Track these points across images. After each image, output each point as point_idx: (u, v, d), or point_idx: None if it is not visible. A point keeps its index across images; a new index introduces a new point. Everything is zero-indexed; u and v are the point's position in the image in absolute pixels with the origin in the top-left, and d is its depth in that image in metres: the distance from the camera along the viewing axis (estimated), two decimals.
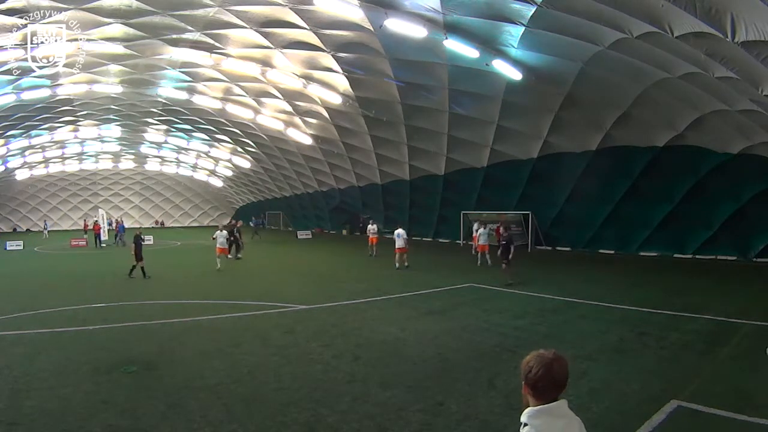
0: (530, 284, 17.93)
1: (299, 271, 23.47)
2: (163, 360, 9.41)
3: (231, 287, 18.46)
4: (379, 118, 33.68)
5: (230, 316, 13.37)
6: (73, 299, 15.75)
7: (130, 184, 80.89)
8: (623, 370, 8.57)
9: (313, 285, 18.97)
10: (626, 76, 20.54)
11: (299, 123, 39.97)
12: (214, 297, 16.13)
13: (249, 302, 15.03)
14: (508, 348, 10.05)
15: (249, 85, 34.11)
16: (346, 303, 15.15)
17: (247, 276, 21.67)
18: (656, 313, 13.03)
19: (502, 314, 13.27)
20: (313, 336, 11.12)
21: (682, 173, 24.57)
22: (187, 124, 46.32)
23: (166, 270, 23.14)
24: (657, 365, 8.92)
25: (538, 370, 2.64)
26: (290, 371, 8.78)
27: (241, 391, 7.88)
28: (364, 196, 48.37)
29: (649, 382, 8.02)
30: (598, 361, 9.12)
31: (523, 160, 30.96)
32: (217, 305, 14.74)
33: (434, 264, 25.27)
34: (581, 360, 8.92)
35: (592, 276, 20.92)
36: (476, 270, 22.62)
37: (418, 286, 17.96)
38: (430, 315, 13.34)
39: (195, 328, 12.02)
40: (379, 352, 9.93)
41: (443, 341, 10.62)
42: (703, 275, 20.43)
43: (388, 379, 8.38)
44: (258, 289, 18.07)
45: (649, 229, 27.16)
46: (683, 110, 21.79)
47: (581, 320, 12.54)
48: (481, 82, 25.43)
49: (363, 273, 22.91)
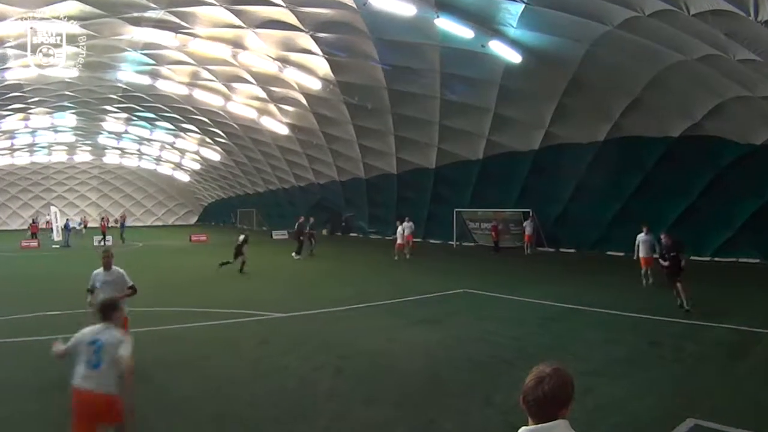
0: (530, 290, 17.85)
1: (275, 276, 23.45)
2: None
3: (199, 294, 18.34)
4: (363, 106, 33.61)
5: (199, 325, 13.28)
6: (21, 307, 15.41)
7: (87, 178, 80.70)
8: (634, 385, 8.51)
9: (290, 290, 18.89)
10: (637, 58, 20.59)
11: (274, 111, 40.00)
12: (181, 304, 16.02)
13: (219, 310, 14.92)
14: (505, 360, 10.01)
15: (218, 68, 34.04)
16: (328, 310, 15.06)
17: (218, 281, 21.33)
18: (671, 321, 12.99)
19: (500, 323, 13.23)
20: (290, 347, 11.07)
21: (700, 166, 24.50)
22: (150, 112, 46.15)
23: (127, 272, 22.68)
24: (672, 379, 8.87)
25: (530, 384, 2.66)
26: (265, 386, 8.74)
27: (211, 407, 7.81)
28: (346, 191, 48.27)
29: (663, 398, 7.97)
30: (605, 375, 9.06)
31: (523, 152, 30.95)
32: (184, 313, 14.64)
33: (425, 267, 25.23)
34: (587, 374, 8.77)
35: (600, 280, 20.85)
36: (471, 274, 22.58)
37: (408, 292, 17.90)
38: (420, 324, 13.28)
39: (160, 338, 11.89)
40: (364, 364, 9.89)
41: (434, 353, 10.60)
42: (722, 279, 20.33)
43: (373, 394, 8.33)
44: (229, 295, 17.95)
45: (663, 228, 26.75)
46: (701, 96, 21.81)
47: (587, 329, 12.53)
48: (476, 66, 25.42)
49: (346, 277, 22.82)
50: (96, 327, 5.53)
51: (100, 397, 5.18)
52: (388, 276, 22.51)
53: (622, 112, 24.99)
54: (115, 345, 5.34)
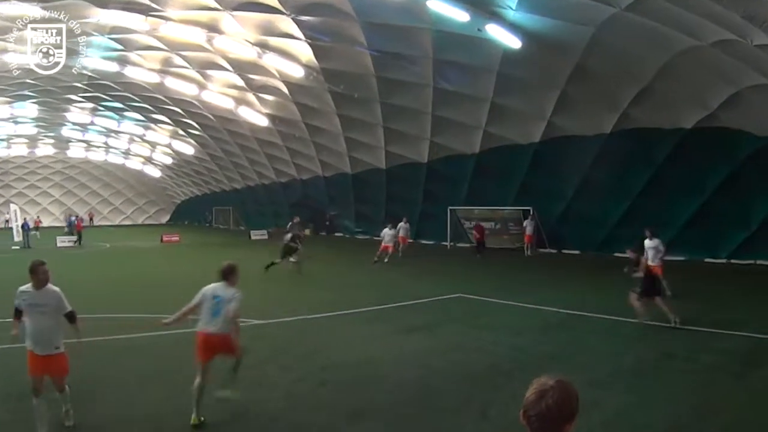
0: (531, 294, 17.82)
1: (253, 279, 22.99)
2: (89, 386, 9.17)
3: (171, 299, 17.31)
4: (350, 95, 33.56)
5: (171, 333, 12.71)
6: None
7: (50, 174, 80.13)
8: (643, 398, 8.52)
9: (270, 295, 18.84)
10: (647, 43, 20.60)
11: (253, 100, 39.82)
12: (152, 310, 15.39)
13: (193, 316, 14.73)
14: (503, 371, 10.01)
15: (192, 54, 33.82)
16: (311, 317, 15.03)
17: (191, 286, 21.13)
18: (683, 329, 12.93)
19: (498, 331, 13.22)
20: (269, 357, 11.07)
21: (715, 161, 24.53)
22: (118, 101, 45.74)
23: (94, 278, 22.76)
24: (683, 392, 8.89)
25: (531, 398, 2.62)
26: (242, 398, 8.61)
27: (184, 423, 7.75)
28: (330, 188, 48.28)
29: (675, 412, 7.99)
30: (612, 387, 9.07)
31: (523, 145, 30.96)
32: (155, 320, 14.28)
33: (416, 270, 25.19)
34: (592, 386, 8.78)
35: (606, 284, 20.38)
36: (467, 277, 22.56)
37: (398, 296, 17.84)
38: (410, 331, 13.27)
39: (129, 347, 11.91)
40: (350, 376, 9.89)
41: (427, 363, 10.59)
42: (739, 283, 20.38)
43: (360, 408, 8.33)
44: None
45: (674, 228, 26.76)
46: (716, 85, 21.82)
47: (592, 338, 12.54)
48: (472, 52, 25.38)
49: (331, 281, 22.80)
50: (217, 285, 7.95)
51: (219, 337, 7.67)
52: (375, 279, 22.45)
53: (630, 101, 24.93)
54: (229, 299, 7.67)
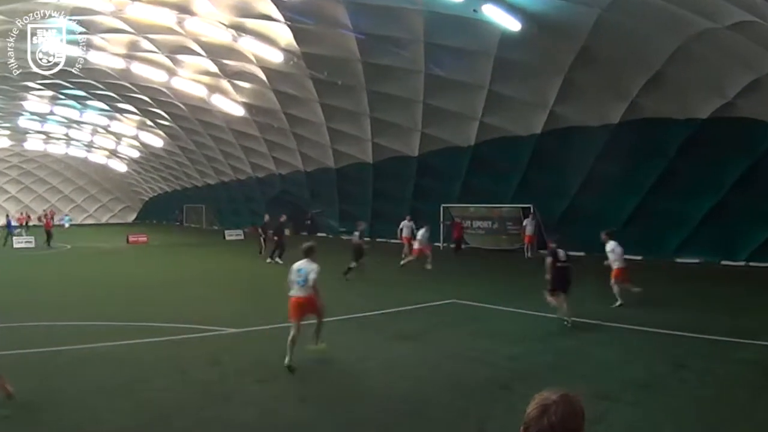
0: (532, 300, 17.52)
1: (228, 284, 23.46)
2: (48, 400, 9.24)
3: (139, 305, 18.21)
4: (333, 82, 33.62)
5: (138, 342, 13.26)
6: None
7: (5, 168, 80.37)
8: (653, 413, 8.56)
9: (246, 302, 18.92)
10: (658, 25, 20.74)
11: (227, 88, 39.94)
12: (117, 318, 15.84)
13: (163, 324, 14.96)
14: (501, 383, 10.02)
15: (161, 38, 33.97)
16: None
17: (160, 290, 21.60)
18: (697, 338, 13.00)
19: (495, 339, 13.26)
20: (246, 369, 11.11)
21: (732, 154, 24.62)
22: (80, 89, 45.62)
23: (54, 281, 22.86)
24: (697, 406, 8.92)
25: (533, 413, 2.56)
26: (216, 414, 8.74)
27: None
28: (312, 184, 48.55)
29: (688, 427, 8.03)
30: (620, 400, 9.10)
31: (522, 136, 31.12)
32: (120, 328, 14.55)
33: (406, 274, 25.06)
34: (598, 399, 8.82)
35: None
36: (462, 281, 22.47)
37: (386, 302, 17.83)
38: (400, 340, 13.34)
39: (91, 357, 11.89)
40: (334, 389, 9.99)
41: (418, 374, 10.63)
42: (759, 288, 20.40)
43: (345, 424, 8.39)
44: (174, 307, 17.92)
45: (688, 227, 27.29)
46: (733, 71, 21.95)
47: (599, 347, 12.56)
48: (467, 35, 25.44)
49: None
50: (301, 261, 11.23)
51: (305, 299, 11.08)
52: (361, 284, 22.33)
53: (639, 89, 25.04)
54: (311, 271, 11.02)
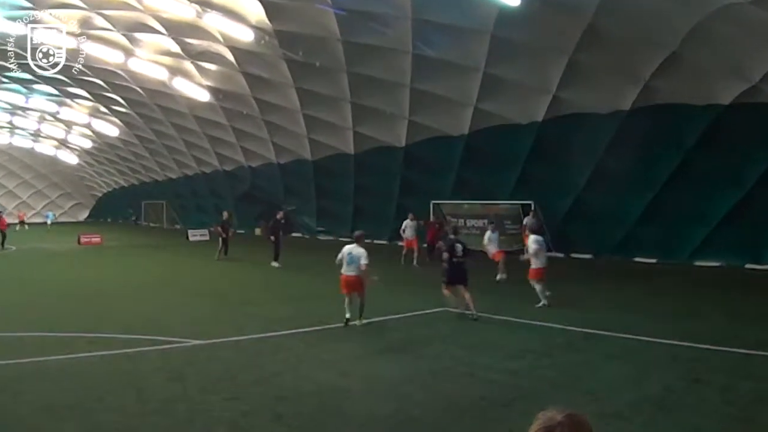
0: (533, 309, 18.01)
1: (191, 290, 23.65)
2: None
3: (89, 314, 18.40)
4: (310, 64, 33.75)
5: (89, 355, 13.33)
6: None
7: None
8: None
9: (211, 310, 19.17)
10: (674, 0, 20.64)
11: (191, 70, 40.23)
12: (65, 328, 15.98)
13: (117, 335, 15.10)
14: (499, 402, 10.18)
15: (117, 14, 34.27)
16: (262, 336, 15.27)
17: (116, 297, 21.72)
18: (719, 351, 13.20)
19: (492, 352, 13.44)
20: (212, 385, 11.20)
21: (757, 144, 24.66)
22: (26, 71, 45.18)
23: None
24: (719, 425, 9.10)
25: None
26: None
27: None
28: (287, 178, 49.21)
29: None
30: (632, 420, 9.24)
31: (522, 125, 31.17)
32: (69, 339, 14.69)
33: (391, 279, 24.80)
34: (608, 418, 8.99)
35: (625, 296, 20.98)
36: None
37: (370, 311, 17.63)
38: (385, 353, 13.68)
39: (36, 372, 11.95)
40: (311, 407, 10.07)
41: (405, 392, 10.74)
42: None
43: None
44: (129, 316, 17.95)
45: (708, 227, 27.50)
46: (757, 51, 21.97)
47: (607, 361, 12.74)
48: (460, 10, 25.68)
49: (287, 291, 23.24)
50: (351, 246, 16.06)
51: (353, 277, 15.77)
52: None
53: (653, 72, 25.00)
54: (359, 255, 15.62)
